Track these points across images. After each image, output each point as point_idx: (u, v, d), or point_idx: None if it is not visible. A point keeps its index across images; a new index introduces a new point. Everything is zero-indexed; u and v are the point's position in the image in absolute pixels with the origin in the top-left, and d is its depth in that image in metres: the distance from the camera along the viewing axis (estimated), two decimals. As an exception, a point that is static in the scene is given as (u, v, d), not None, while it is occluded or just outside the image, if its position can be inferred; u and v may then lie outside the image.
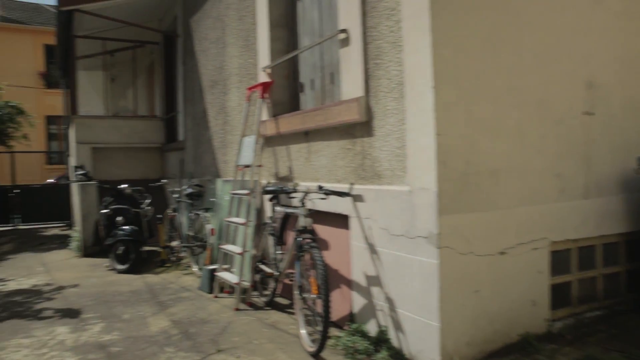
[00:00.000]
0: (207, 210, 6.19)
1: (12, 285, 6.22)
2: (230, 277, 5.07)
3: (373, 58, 3.68)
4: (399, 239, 3.43)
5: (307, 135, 4.60)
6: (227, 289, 5.32)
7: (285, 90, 5.37)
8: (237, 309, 4.76)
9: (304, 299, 3.83)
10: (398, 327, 3.45)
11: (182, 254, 7.00)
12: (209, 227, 5.95)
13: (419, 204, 3.23)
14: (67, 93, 12.64)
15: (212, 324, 4.40)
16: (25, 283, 6.34)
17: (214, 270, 5.38)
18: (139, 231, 6.85)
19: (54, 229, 12.78)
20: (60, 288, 5.90)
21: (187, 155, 8.38)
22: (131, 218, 7.05)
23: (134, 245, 6.71)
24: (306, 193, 3.97)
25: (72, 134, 9.61)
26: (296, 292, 3.91)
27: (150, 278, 6.30)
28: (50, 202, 13.19)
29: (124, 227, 6.81)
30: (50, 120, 21.03)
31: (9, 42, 21.19)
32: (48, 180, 16.58)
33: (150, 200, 7.61)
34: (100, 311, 4.89)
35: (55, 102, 19.49)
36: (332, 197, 3.92)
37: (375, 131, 3.67)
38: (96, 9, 8.37)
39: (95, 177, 8.69)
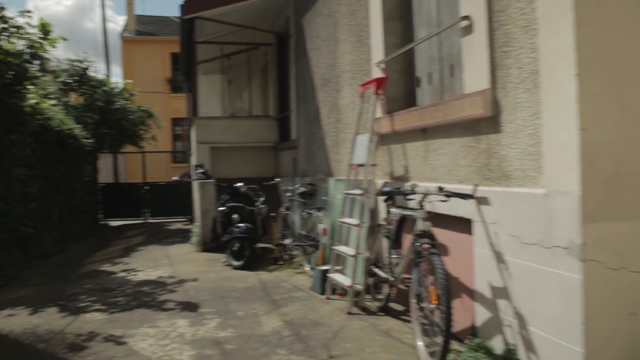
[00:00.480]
0: (319, 209, 6.14)
1: (141, 276, 6.68)
2: (342, 279, 4.94)
3: (500, 46, 3.31)
4: (531, 248, 3.03)
5: (425, 133, 4.32)
6: (339, 290, 5.22)
7: (400, 86, 5.11)
8: (350, 313, 4.62)
9: (421, 308, 3.57)
10: (530, 347, 3.06)
11: (295, 253, 7.04)
12: (321, 226, 5.89)
13: (557, 209, 2.82)
14: (189, 96, 13.49)
15: (324, 327, 4.30)
16: (152, 274, 6.78)
17: (326, 271, 5.30)
18: (254, 229, 7.02)
19: (177, 224, 13.74)
20: (182, 281, 6.22)
21: (300, 153, 8.46)
22: (246, 216, 7.25)
23: (249, 242, 6.88)
24: (425, 195, 3.70)
25: (193, 134, 10.20)
26: (413, 301, 3.66)
27: (263, 275, 6.41)
28: (174, 198, 14.21)
29: (239, 225, 7.01)
30: (175, 122, 22.74)
31: (142, 52, 23.33)
32: (173, 178, 17.91)
33: (264, 199, 7.79)
34: (217, 306, 5.03)
35: (179, 105, 21.01)
36: (453, 200, 3.61)
37: (504, 127, 3.30)
38: (214, 15, 8.76)
39: (213, 175, 9.11)
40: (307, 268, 6.40)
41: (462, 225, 3.75)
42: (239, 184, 7.43)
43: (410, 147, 4.59)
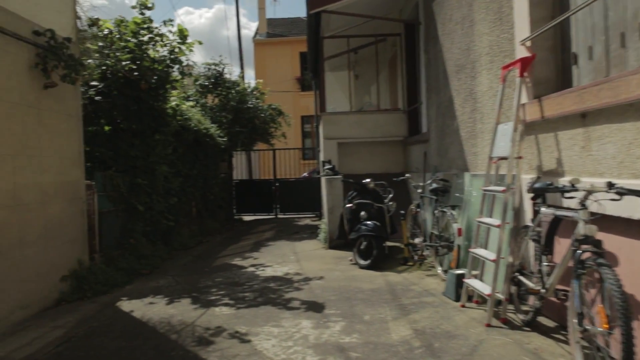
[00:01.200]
0: (453, 207, 5.60)
1: (269, 272, 6.72)
2: (480, 286, 4.39)
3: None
4: None
5: (585, 118, 3.60)
6: (476, 298, 4.67)
7: (550, 65, 4.39)
8: (489, 325, 4.06)
9: (584, 330, 2.93)
10: None
11: (425, 253, 6.57)
12: (455, 226, 5.37)
13: None
14: (317, 93, 13.59)
15: (459, 339, 3.82)
16: (279, 270, 6.79)
17: (461, 275, 4.78)
18: (382, 227, 6.69)
19: (305, 219, 13.93)
20: (307, 279, 6.10)
21: (431, 147, 7.93)
22: (374, 213, 6.95)
23: (377, 241, 6.57)
24: (589, 192, 3.04)
25: (320, 130, 10.16)
26: (573, 320, 3.02)
27: (391, 277, 6.05)
28: (303, 195, 14.44)
29: (367, 222, 6.73)
30: (304, 119, 23.31)
31: (272, 53, 24.32)
32: (302, 175, 18.29)
33: (392, 195, 7.42)
34: (342, 308, 4.78)
35: (308, 103, 21.47)
36: (628, 198, 2.90)
37: None
38: (340, 7, 8.58)
39: (340, 171, 8.96)
40: (439, 271, 5.90)
41: (638, 230, 3.01)
42: (366, 180, 7.15)
43: (565, 136, 3.88)
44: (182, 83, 8.73)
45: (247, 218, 14.68)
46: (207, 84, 11.89)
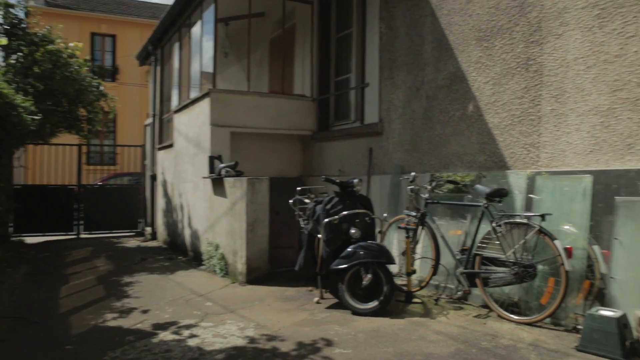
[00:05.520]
0: (542, 217, 3.82)
1: (206, 339, 3.77)
2: None
3: None
4: None
5: None
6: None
7: None
8: None
9: None
10: None
11: (444, 286, 4.62)
12: (558, 244, 3.63)
13: None
14: (160, 73, 10.31)
15: None
16: (224, 333, 3.90)
17: (622, 319, 3.04)
18: (386, 249, 4.45)
19: (127, 239, 10.41)
20: (303, 356, 3.46)
21: (389, 142, 6.04)
22: (365, 229, 4.67)
23: (385, 272, 4.33)
24: None
25: (206, 114, 7.20)
26: None
27: (435, 326, 3.90)
28: (114, 207, 10.81)
29: (363, 244, 4.41)
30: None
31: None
32: (96, 182, 14.09)
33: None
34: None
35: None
36: None
37: None
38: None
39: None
40: (500, 310, 4.05)
41: None
42: (356, 180, 4.81)
43: None
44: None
45: (32, 240, 10.12)
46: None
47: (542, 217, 3.82)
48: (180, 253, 8.07)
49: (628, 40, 3.68)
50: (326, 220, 4.54)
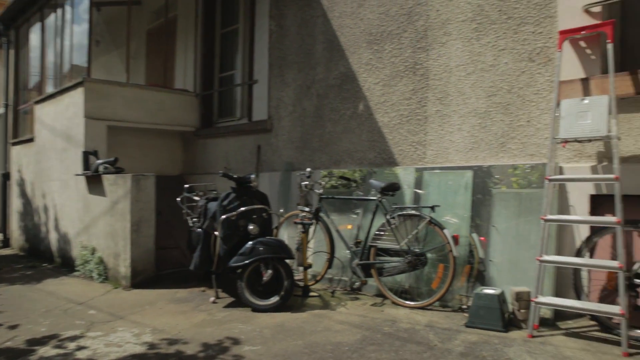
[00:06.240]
0: (433, 208, 4.16)
1: (101, 350, 3.47)
2: (587, 306, 3.22)
3: None
4: None
5: None
6: (535, 322, 3.45)
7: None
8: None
9: None
10: None
11: (342, 277, 4.78)
12: (447, 233, 4.01)
13: None
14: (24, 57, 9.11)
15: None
16: (117, 342, 3.62)
17: (500, 296, 3.46)
18: (285, 244, 4.47)
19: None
20: (220, 353, 3.38)
21: (278, 139, 6.08)
22: (263, 225, 4.64)
23: (285, 267, 4.35)
24: None
25: (79, 105, 6.55)
26: None
27: (342, 316, 4.03)
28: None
29: (263, 240, 4.38)
30: None
31: None
32: None
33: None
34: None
35: None
36: None
37: None
38: None
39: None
40: (394, 297, 4.32)
41: None
42: (252, 176, 4.72)
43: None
44: None
45: None
46: None
47: (432, 208, 4.16)
48: (45, 260, 7.24)
49: (500, 52, 4.17)
50: (223, 216, 4.43)
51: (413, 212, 4.27)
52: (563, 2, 3.79)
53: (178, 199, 5.24)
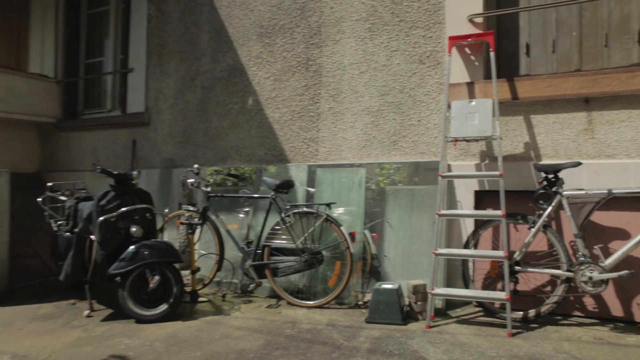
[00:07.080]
0: (329, 205, 4.14)
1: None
2: (477, 294, 3.43)
3: None
4: None
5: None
6: (431, 313, 3.61)
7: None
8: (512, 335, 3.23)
9: None
10: None
11: (232, 280, 4.53)
12: (344, 230, 4.01)
13: None
14: None
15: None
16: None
17: (398, 290, 3.59)
18: (172, 247, 4.09)
19: None
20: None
21: (157, 134, 5.61)
22: (147, 226, 4.20)
23: (174, 272, 4.00)
24: None
25: None
26: None
27: (238, 322, 3.80)
28: None
29: (148, 242, 3.97)
30: None
31: None
32: None
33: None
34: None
35: None
36: None
37: None
38: None
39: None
40: (289, 296, 4.22)
41: None
42: (133, 173, 4.22)
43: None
44: None
45: None
46: None
47: (328, 205, 4.14)
48: None
49: (392, 53, 4.30)
50: (101, 218, 3.93)
51: (309, 209, 4.21)
52: (450, 10, 4.01)
53: (39, 199, 4.56)
